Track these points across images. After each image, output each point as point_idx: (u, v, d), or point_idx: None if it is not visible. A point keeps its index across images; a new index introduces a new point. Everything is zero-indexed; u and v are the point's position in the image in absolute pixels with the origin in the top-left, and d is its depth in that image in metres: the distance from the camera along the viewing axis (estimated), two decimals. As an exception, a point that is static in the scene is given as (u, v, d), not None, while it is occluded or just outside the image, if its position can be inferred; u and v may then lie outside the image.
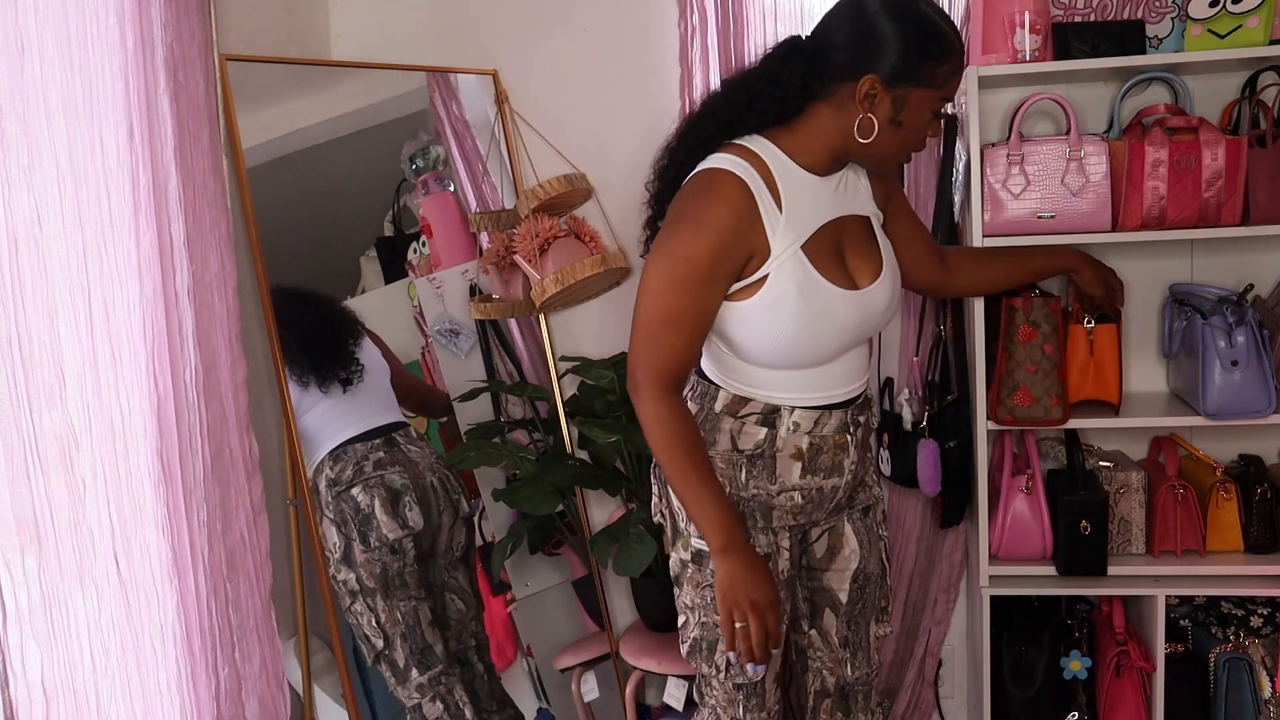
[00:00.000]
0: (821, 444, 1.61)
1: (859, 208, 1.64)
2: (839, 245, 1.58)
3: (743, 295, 1.52)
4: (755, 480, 1.60)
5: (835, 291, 1.53)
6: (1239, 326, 2.10)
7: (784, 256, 1.51)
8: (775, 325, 1.52)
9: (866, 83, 1.49)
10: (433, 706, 2.24)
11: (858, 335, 1.61)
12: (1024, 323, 2.17)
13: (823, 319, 1.53)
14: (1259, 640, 2.28)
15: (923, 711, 2.60)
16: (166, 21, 1.55)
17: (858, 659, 1.79)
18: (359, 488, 2.21)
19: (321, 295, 2.33)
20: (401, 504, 2.24)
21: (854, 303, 1.56)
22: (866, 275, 1.60)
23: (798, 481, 1.61)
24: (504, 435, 2.50)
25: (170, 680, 1.53)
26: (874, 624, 1.80)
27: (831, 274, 1.54)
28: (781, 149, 1.55)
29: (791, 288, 1.51)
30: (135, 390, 1.48)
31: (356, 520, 2.18)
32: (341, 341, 2.29)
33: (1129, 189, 2.11)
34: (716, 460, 1.61)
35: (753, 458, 1.60)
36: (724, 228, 1.48)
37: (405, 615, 2.22)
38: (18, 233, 1.30)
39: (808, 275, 1.51)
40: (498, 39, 2.56)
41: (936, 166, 2.35)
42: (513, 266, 2.41)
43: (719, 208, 1.49)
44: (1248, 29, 2.10)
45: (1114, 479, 2.31)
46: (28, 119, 1.32)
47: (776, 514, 1.63)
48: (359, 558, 2.18)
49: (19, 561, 1.29)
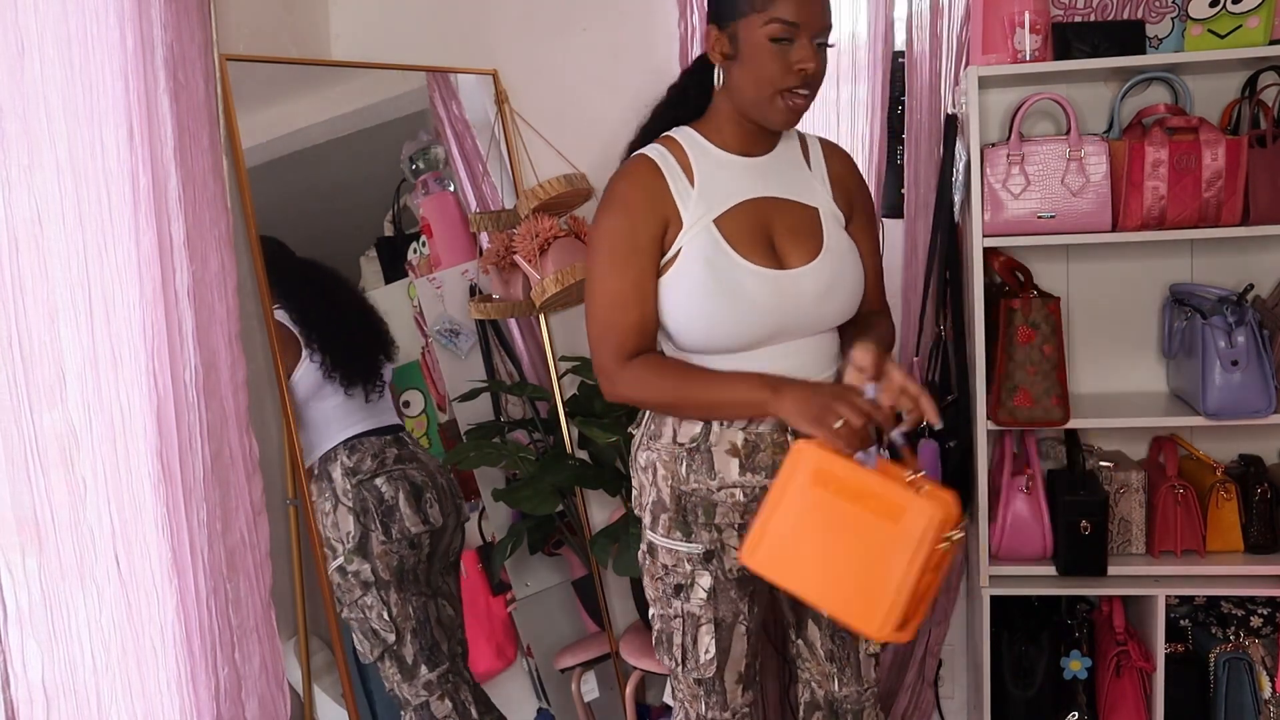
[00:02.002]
0: (758, 441, 1.59)
1: (802, 195, 1.63)
2: (766, 226, 1.58)
3: (664, 270, 1.57)
4: (695, 474, 1.61)
5: (746, 266, 1.54)
6: (1239, 326, 2.11)
7: (696, 229, 1.55)
8: (689, 298, 1.54)
9: (709, 36, 1.57)
10: (441, 705, 2.24)
11: (781, 319, 1.56)
12: (1023, 324, 2.17)
13: (733, 295, 1.53)
14: (1259, 640, 2.28)
15: (923, 711, 2.60)
16: (166, 21, 1.55)
17: (845, 674, 1.74)
18: (383, 479, 2.22)
19: (368, 304, 2.36)
20: (424, 500, 2.26)
21: (770, 282, 1.54)
22: (798, 259, 1.58)
23: (737, 479, 1.60)
24: (504, 435, 2.50)
25: (170, 680, 1.53)
26: (863, 642, 1.74)
27: (747, 250, 1.55)
28: (699, 133, 1.62)
29: (699, 258, 1.53)
30: (135, 390, 1.48)
31: (380, 510, 2.19)
32: (377, 358, 2.33)
33: (1129, 189, 2.11)
34: (660, 453, 1.63)
35: (691, 451, 1.61)
36: (631, 199, 1.56)
37: (417, 610, 2.22)
38: (18, 233, 1.30)
39: (716, 247, 1.54)
40: (498, 39, 2.56)
41: (936, 166, 2.36)
42: (513, 266, 2.41)
43: (625, 182, 1.58)
44: (1248, 29, 2.10)
45: (1114, 479, 2.31)
46: (28, 119, 1.32)
47: (720, 510, 1.62)
48: (377, 549, 2.17)
49: (19, 561, 1.29)
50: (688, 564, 1.64)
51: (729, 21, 1.54)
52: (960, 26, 2.33)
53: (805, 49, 1.51)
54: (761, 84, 1.53)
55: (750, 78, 1.54)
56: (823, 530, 1.39)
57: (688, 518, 1.63)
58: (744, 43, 1.52)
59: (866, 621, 1.36)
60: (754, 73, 1.53)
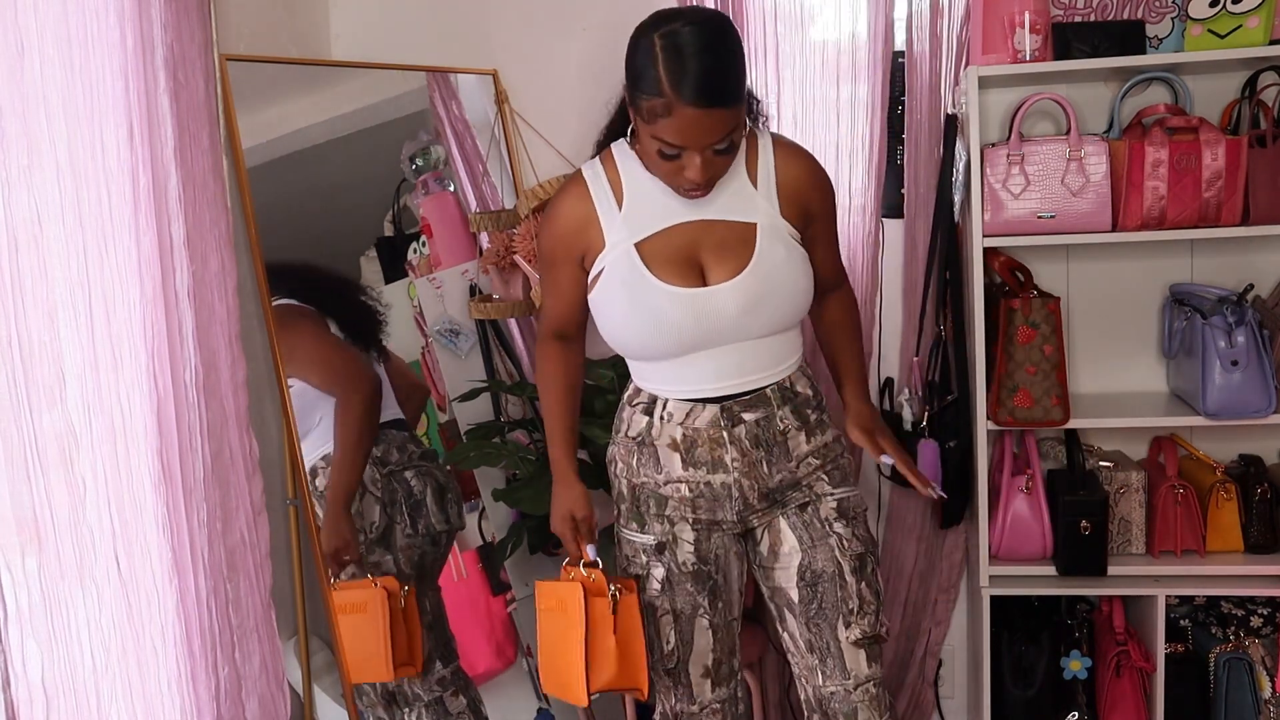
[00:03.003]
0: (696, 436, 1.66)
1: (737, 214, 1.62)
2: (693, 245, 1.61)
3: (592, 286, 1.67)
4: (644, 468, 1.71)
5: (660, 287, 1.59)
6: (1239, 326, 2.11)
7: (616, 251, 1.61)
8: (611, 315, 1.64)
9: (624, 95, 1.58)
10: (455, 701, 2.24)
11: (701, 334, 1.60)
12: (1023, 324, 2.17)
13: (650, 313, 1.59)
14: (1259, 640, 2.28)
15: (923, 711, 2.60)
16: (166, 21, 1.55)
17: (827, 666, 1.70)
18: (412, 472, 2.23)
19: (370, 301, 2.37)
20: (446, 499, 2.27)
21: (684, 300, 1.59)
22: (721, 275, 1.61)
23: (680, 474, 1.68)
24: (504, 435, 2.50)
25: (170, 680, 1.53)
26: (842, 628, 1.69)
27: (666, 272, 1.59)
28: (636, 152, 1.63)
29: (616, 280, 1.61)
30: (135, 390, 1.48)
31: (408, 503, 2.19)
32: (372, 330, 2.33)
33: (1129, 189, 2.11)
34: (619, 447, 1.75)
35: (640, 444, 1.70)
36: (559, 219, 1.67)
37: (434, 606, 2.22)
38: (18, 233, 1.30)
39: (633, 269, 1.60)
40: (498, 39, 2.56)
41: (936, 166, 2.36)
42: (513, 266, 2.41)
43: (559, 202, 1.68)
44: (1248, 29, 2.10)
45: (1114, 479, 2.31)
46: (28, 119, 1.32)
47: (671, 504, 1.70)
48: (400, 541, 2.18)
49: (19, 561, 1.29)
50: (643, 555, 1.73)
51: (631, 104, 1.53)
52: (960, 26, 2.33)
53: (693, 161, 1.50)
54: (655, 173, 1.58)
55: (647, 161, 1.57)
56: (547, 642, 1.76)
57: (641, 508, 1.73)
58: (640, 134, 1.53)
59: (577, 694, 1.66)
60: (649, 162, 1.57)
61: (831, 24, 2.41)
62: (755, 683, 2.39)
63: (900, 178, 2.46)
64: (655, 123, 1.47)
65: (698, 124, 1.46)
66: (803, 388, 1.71)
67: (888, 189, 2.44)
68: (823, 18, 2.41)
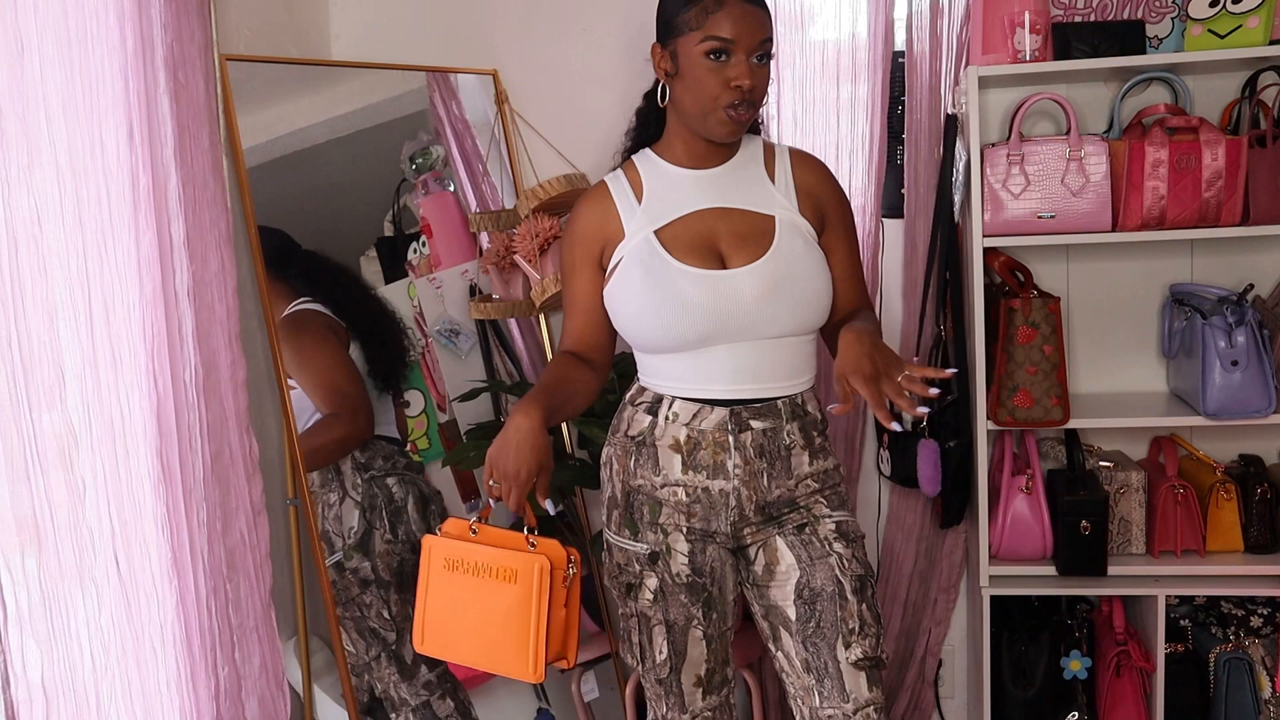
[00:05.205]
0: (700, 439, 1.64)
1: (756, 205, 1.66)
2: (711, 232, 1.64)
3: (609, 278, 1.67)
4: (641, 469, 1.67)
5: (680, 268, 1.61)
6: (1239, 326, 2.11)
7: (636, 239, 1.64)
8: (628, 299, 1.63)
9: (654, 54, 1.64)
10: (443, 704, 2.23)
11: (720, 319, 1.59)
12: (1023, 324, 2.17)
13: (669, 294, 1.60)
14: (1259, 640, 2.28)
15: (923, 711, 2.60)
16: (166, 21, 1.55)
17: (825, 686, 1.64)
18: (395, 479, 2.23)
19: (392, 315, 2.37)
20: (429, 510, 2.27)
21: (705, 281, 1.60)
22: (740, 261, 1.62)
23: (679, 476, 1.65)
24: (504, 435, 2.50)
25: (170, 680, 1.53)
26: (842, 648, 1.64)
27: (684, 254, 1.62)
28: (655, 152, 1.72)
29: (635, 265, 1.63)
30: (135, 390, 1.48)
31: (388, 509, 2.19)
32: (400, 367, 2.36)
33: (1129, 189, 2.11)
34: (616, 448, 1.71)
35: (639, 444, 1.67)
36: (579, 218, 1.70)
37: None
38: (18, 233, 1.30)
39: (653, 252, 1.63)
40: (498, 39, 2.56)
41: (936, 166, 2.36)
42: (513, 266, 2.41)
43: (579, 205, 1.71)
44: (1248, 29, 2.11)
45: (1114, 479, 2.31)
46: (28, 119, 1.32)
47: (666, 511, 1.66)
48: (379, 546, 2.18)
49: (19, 561, 1.29)
50: (636, 564, 1.69)
51: (670, 40, 1.60)
52: (960, 26, 2.33)
53: (741, 65, 1.56)
54: (701, 100, 1.59)
55: (690, 94, 1.60)
56: (466, 606, 1.59)
57: (634, 515, 1.69)
58: (683, 60, 1.58)
59: (521, 669, 1.54)
60: (693, 89, 1.59)
61: (831, 24, 2.41)
62: (755, 682, 2.39)
63: (900, 178, 2.46)
64: (706, 22, 1.54)
65: (748, 16, 1.55)
66: (813, 409, 1.70)
67: (888, 189, 2.45)
68: (823, 18, 2.41)
